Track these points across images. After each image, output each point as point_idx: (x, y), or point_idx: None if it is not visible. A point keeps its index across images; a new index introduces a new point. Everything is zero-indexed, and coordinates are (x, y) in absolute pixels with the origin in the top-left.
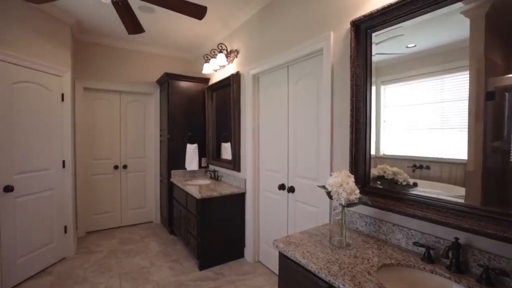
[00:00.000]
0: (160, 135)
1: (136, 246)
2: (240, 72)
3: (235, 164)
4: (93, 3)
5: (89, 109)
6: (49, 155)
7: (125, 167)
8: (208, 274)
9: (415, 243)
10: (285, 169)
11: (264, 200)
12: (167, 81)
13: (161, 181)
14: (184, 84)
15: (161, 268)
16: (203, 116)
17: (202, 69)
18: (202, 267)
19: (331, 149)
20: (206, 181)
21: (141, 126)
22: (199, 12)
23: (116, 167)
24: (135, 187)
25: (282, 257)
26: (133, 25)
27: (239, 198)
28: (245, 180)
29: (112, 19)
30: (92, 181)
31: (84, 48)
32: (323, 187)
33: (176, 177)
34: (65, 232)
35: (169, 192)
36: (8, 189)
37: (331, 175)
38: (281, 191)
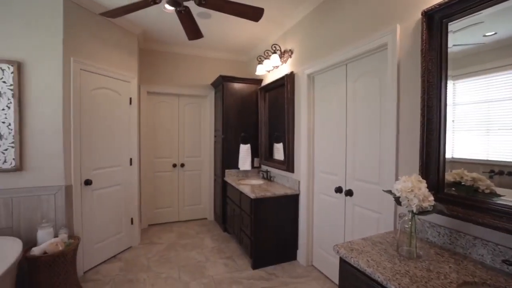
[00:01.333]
0: (215, 136)
1: (192, 241)
2: (294, 72)
3: (288, 165)
4: (157, 14)
5: (151, 112)
6: (119, 154)
7: (182, 165)
8: (261, 274)
9: (505, 261)
10: (342, 172)
11: (319, 203)
12: (221, 83)
13: (215, 180)
14: (237, 85)
15: (215, 263)
16: (255, 116)
17: (255, 71)
18: (255, 266)
19: (396, 151)
20: (259, 181)
21: (197, 127)
22: (256, 14)
23: (174, 165)
24: (191, 185)
25: (344, 264)
26: (194, 31)
27: (292, 199)
28: (298, 181)
29: (172, 27)
30: (154, 178)
31: (147, 55)
32: (390, 192)
33: (230, 177)
34: (132, 223)
35: (223, 190)
36: (88, 182)
37: (398, 179)
38: (338, 194)
